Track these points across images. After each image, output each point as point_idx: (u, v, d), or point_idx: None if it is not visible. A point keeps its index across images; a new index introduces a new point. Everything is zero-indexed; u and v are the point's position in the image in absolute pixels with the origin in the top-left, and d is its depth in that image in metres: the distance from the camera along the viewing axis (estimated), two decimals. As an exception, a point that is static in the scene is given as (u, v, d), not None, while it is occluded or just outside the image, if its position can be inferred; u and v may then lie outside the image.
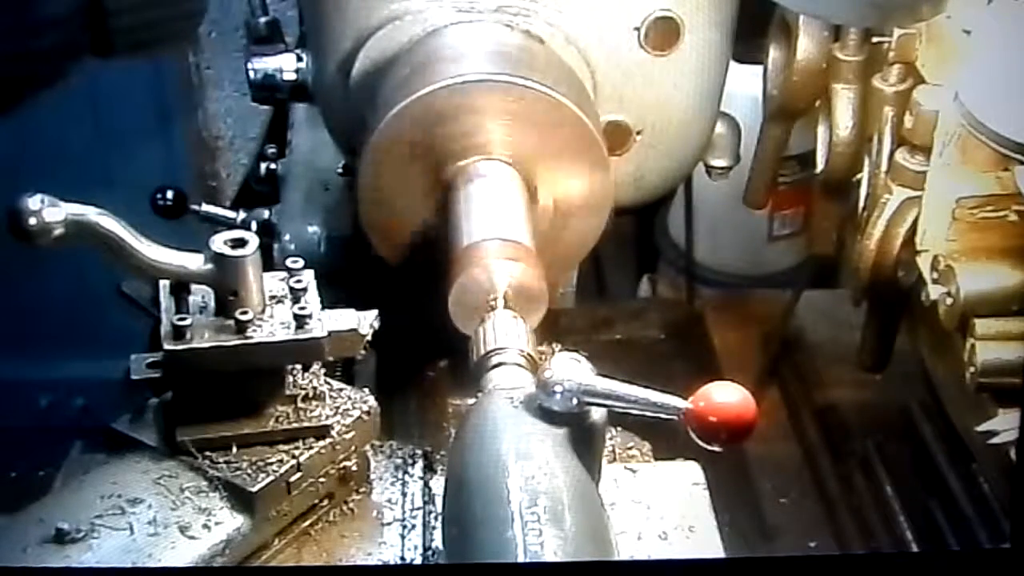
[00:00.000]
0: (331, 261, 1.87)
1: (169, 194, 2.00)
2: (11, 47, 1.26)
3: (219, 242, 1.31)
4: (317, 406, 1.38)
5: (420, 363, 1.77)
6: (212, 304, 1.33)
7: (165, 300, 1.34)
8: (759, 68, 1.83)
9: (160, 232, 1.32)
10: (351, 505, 1.42)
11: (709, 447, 1.13)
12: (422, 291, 1.50)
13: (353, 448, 1.40)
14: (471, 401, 1.27)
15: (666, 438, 1.47)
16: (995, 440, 1.51)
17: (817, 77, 1.75)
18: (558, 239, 1.57)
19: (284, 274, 1.38)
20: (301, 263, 1.39)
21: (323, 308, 1.36)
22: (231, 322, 1.31)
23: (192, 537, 1.28)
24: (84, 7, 1.29)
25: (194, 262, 1.31)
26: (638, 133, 1.72)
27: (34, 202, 1.22)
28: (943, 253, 1.56)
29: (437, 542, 1.38)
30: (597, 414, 1.18)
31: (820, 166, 1.83)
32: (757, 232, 2.70)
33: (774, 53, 1.80)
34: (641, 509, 1.44)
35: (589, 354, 1.20)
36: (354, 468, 1.40)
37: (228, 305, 1.32)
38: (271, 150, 2.13)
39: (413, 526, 1.41)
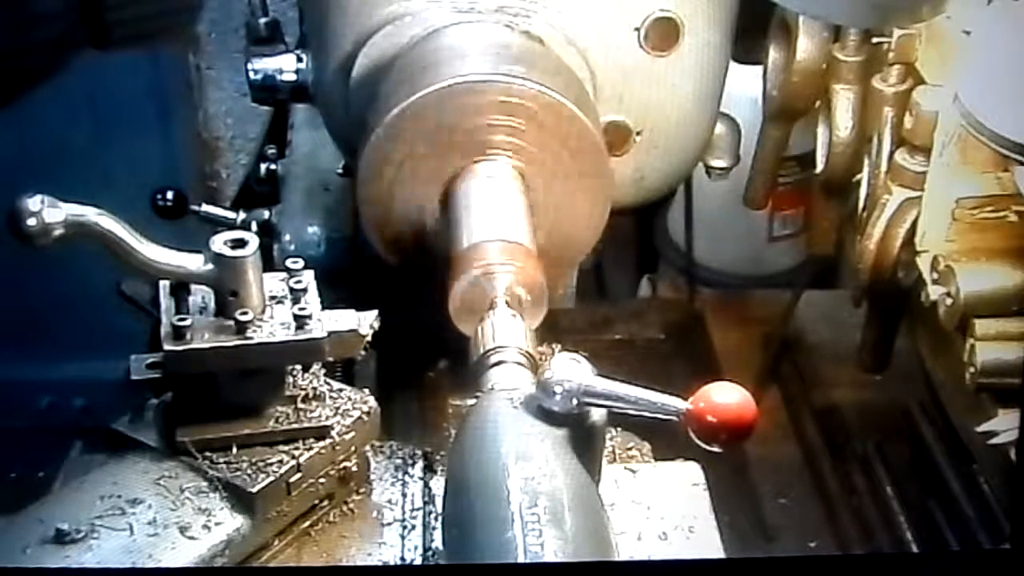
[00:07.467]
0: (331, 261, 1.87)
1: (169, 195, 2.00)
2: (9, 40, 1.26)
3: (219, 242, 1.31)
4: (317, 407, 1.38)
5: (420, 363, 1.77)
6: (212, 304, 1.33)
7: (165, 300, 1.34)
8: (759, 68, 1.83)
9: (160, 232, 1.32)
10: (351, 506, 1.42)
11: (709, 448, 1.13)
12: (422, 291, 1.50)
13: (353, 449, 1.40)
14: (471, 401, 1.27)
15: (666, 438, 1.47)
16: (995, 440, 1.51)
17: (817, 78, 1.75)
18: (558, 239, 1.57)
19: (284, 274, 1.38)
20: (301, 263, 1.39)
21: (323, 308, 1.36)
22: (231, 322, 1.31)
23: (192, 538, 1.28)
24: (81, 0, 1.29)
25: (194, 262, 1.31)
26: (638, 133, 1.72)
27: (34, 203, 1.22)
28: (943, 253, 1.56)
29: (437, 543, 1.38)
30: (597, 414, 1.18)
31: (820, 166, 1.83)
32: (757, 232, 2.70)
33: (774, 53, 1.80)
34: (641, 509, 1.44)
35: (589, 354, 1.20)
36: (354, 469, 1.41)
37: (228, 305, 1.32)
38: (271, 150, 2.12)
39: (413, 527, 1.41)
